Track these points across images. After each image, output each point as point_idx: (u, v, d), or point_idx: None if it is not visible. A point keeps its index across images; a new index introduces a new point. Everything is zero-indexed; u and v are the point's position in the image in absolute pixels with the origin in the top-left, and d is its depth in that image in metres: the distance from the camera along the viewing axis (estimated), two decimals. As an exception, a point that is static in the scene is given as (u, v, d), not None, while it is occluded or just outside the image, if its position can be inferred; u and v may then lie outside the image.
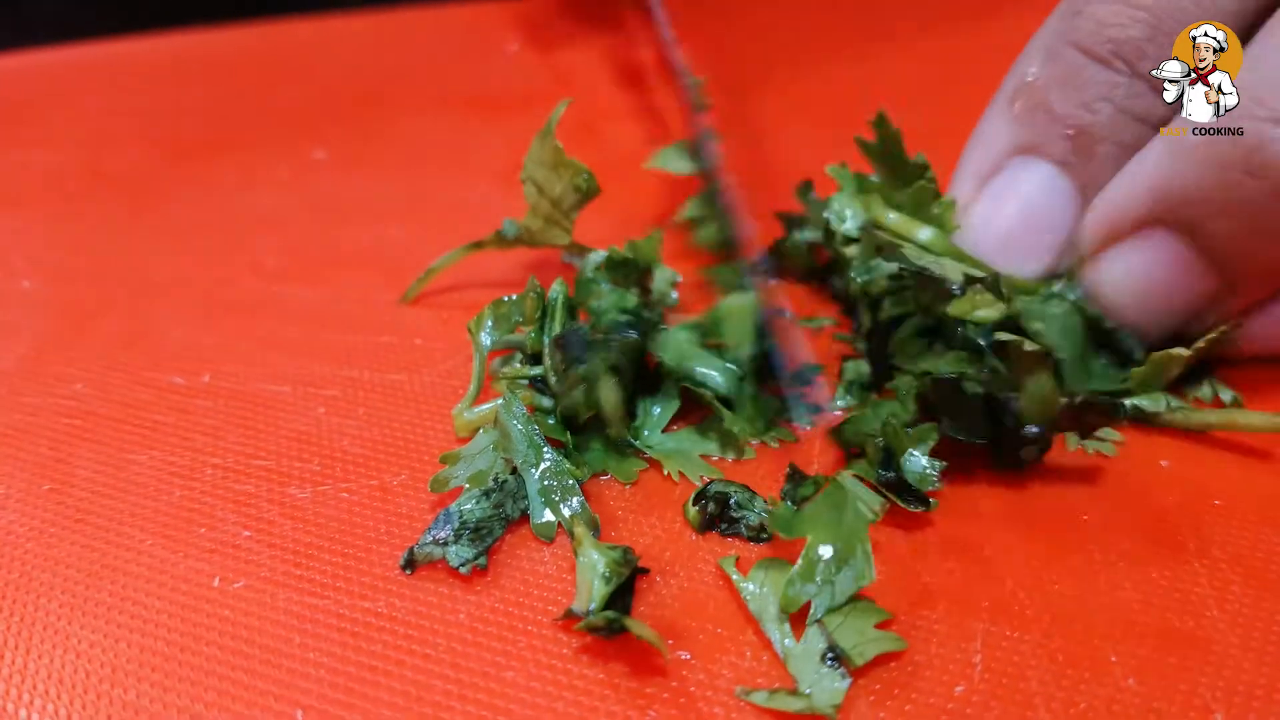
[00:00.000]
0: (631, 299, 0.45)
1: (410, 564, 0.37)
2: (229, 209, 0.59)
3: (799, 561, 0.36)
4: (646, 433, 0.42)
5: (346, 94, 0.69)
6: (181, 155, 0.63)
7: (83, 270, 0.54)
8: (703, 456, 0.42)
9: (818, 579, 0.36)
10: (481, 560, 0.37)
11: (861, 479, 0.39)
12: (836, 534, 0.36)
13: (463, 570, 0.37)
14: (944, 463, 0.39)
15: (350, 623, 0.36)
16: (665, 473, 0.41)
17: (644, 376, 0.43)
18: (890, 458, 0.39)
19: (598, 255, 0.47)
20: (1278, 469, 0.42)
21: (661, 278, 0.48)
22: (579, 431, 0.42)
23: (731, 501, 0.39)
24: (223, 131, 0.65)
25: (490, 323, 0.44)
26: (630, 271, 0.47)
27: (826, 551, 0.36)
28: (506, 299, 0.46)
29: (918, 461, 0.39)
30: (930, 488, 0.39)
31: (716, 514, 0.39)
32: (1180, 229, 0.42)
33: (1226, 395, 0.45)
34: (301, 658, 0.35)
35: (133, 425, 0.44)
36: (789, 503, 0.38)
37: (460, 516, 0.38)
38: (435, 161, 0.63)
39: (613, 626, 0.34)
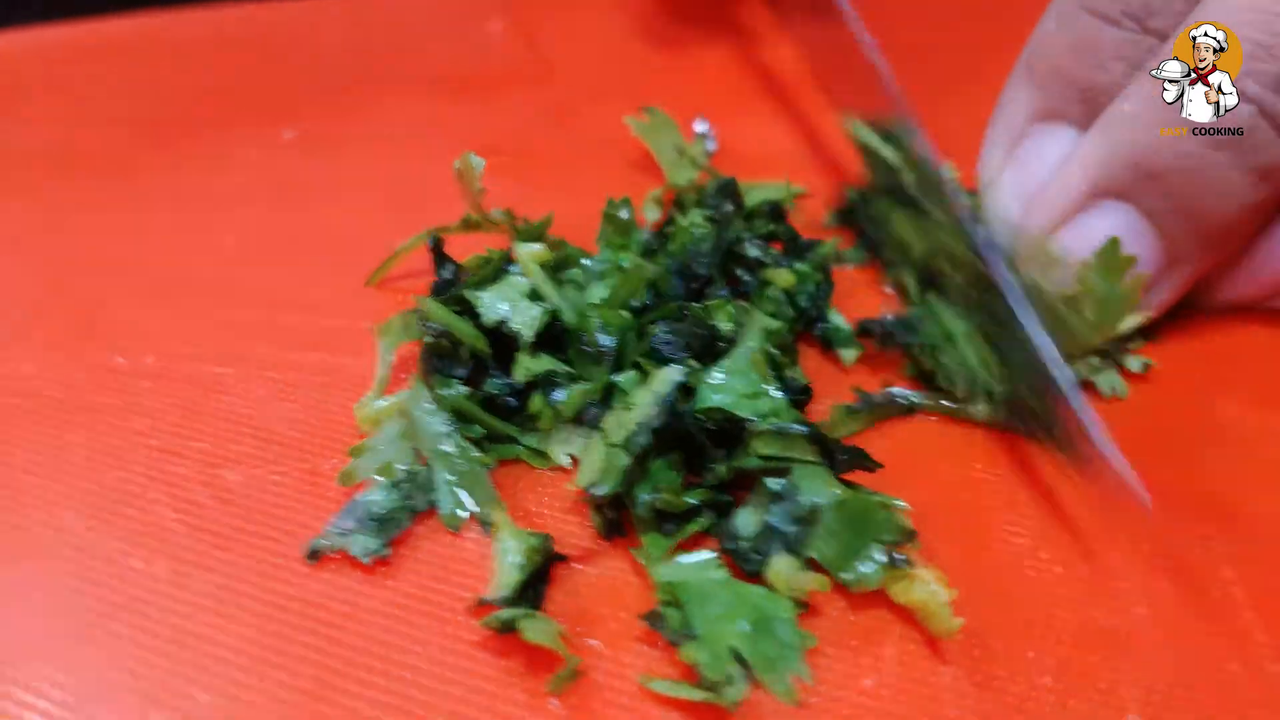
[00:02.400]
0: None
1: (314, 554, 0.37)
2: (195, 190, 0.59)
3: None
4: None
5: (322, 74, 0.69)
6: (153, 136, 0.63)
7: (41, 250, 0.54)
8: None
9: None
10: (385, 551, 0.37)
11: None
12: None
13: (365, 560, 0.37)
14: None
15: (264, 606, 0.36)
16: (554, 463, 0.41)
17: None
18: None
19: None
20: (1220, 465, 0.41)
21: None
22: (506, 416, 0.41)
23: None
24: (196, 111, 0.65)
25: (398, 330, 0.44)
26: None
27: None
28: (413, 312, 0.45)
29: None
30: None
31: (616, 519, 0.38)
32: (1127, 197, 0.42)
33: (1135, 364, 0.45)
34: (212, 639, 0.35)
35: (74, 406, 0.45)
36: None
37: (366, 507, 0.38)
38: (407, 143, 0.63)
39: (508, 626, 0.34)
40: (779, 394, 0.39)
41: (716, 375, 0.39)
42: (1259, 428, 0.43)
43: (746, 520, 0.37)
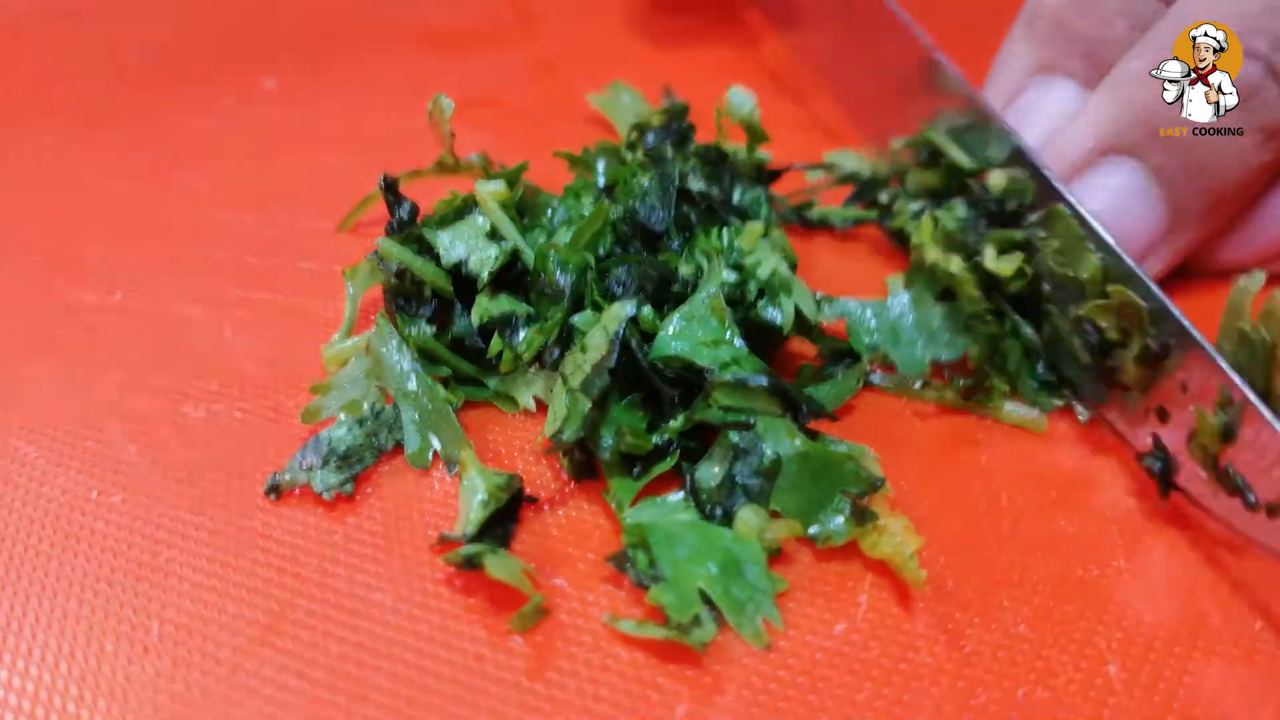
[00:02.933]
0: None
1: (275, 489, 0.37)
2: (172, 136, 0.57)
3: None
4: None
5: (305, 24, 0.68)
6: (133, 85, 0.62)
7: (14, 193, 0.53)
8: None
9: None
10: (347, 487, 0.36)
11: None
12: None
13: (326, 496, 0.36)
14: None
15: (223, 539, 0.35)
16: (521, 407, 0.40)
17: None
18: None
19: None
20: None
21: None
22: (473, 358, 0.40)
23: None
24: (176, 60, 0.64)
25: (365, 274, 0.43)
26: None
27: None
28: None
29: None
30: None
31: (585, 461, 0.37)
32: (1135, 154, 0.42)
33: None
34: (166, 571, 0.34)
35: (38, 341, 0.44)
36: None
37: (329, 443, 0.37)
38: (388, 94, 0.62)
39: (472, 562, 0.33)
40: (740, 342, 0.37)
41: (675, 322, 0.37)
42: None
43: (708, 473, 0.36)
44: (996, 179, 0.42)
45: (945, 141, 0.46)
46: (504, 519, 0.35)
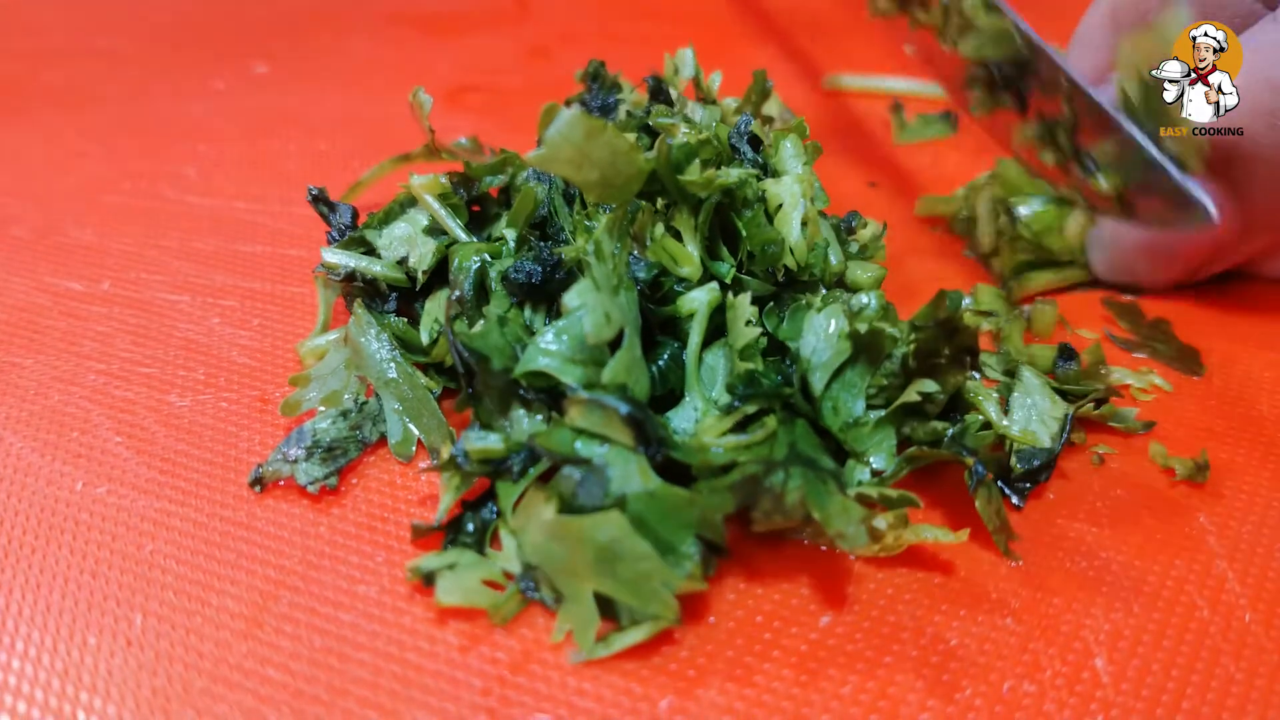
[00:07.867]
0: None
1: (258, 481, 0.36)
2: (161, 120, 0.57)
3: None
4: None
5: (298, 7, 0.68)
6: (123, 67, 0.62)
7: (3, 180, 0.53)
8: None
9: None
10: (331, 480, 0.36)
11: None
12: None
13: (310, 489, 0.36)
14: None
15: (207, 531, 0.35)
16: None
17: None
18: None
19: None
20: (1202, 399, 0.40)
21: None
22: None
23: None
24: (166, 43, 0.64)
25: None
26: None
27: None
28: None
29: None
30: None
31: None
32: (1218, 170, 0.42)
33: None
34: (150, 563, 0.34)
35: (24, 330, 0.43)
36: None
37: (313, 435, 0.37)
38: (379, 80, 0.61)
39: (429, 579, 0.32)
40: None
41: (549, 334, 0.34)
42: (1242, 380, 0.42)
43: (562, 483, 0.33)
44: None
45: None
46: (478, 507, 0.35)
